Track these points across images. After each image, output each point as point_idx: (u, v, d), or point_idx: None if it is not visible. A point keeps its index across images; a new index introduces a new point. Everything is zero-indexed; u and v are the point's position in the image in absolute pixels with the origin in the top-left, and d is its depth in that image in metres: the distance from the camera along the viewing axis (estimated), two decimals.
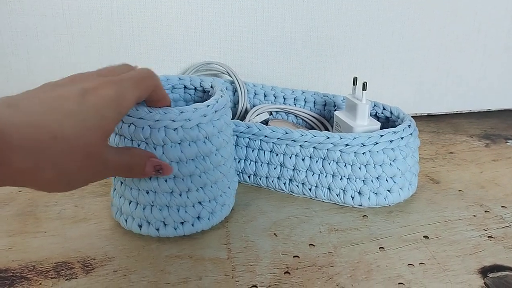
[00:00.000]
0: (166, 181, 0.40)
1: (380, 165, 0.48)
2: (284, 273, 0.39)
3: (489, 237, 0.45)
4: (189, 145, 0.39)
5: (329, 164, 0.48)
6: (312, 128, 0.64)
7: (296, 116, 0.65)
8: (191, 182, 0.41)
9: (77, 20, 0.63)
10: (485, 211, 0.50)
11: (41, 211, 0.48)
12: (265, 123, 0.63)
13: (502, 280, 0.39)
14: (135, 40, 0.66)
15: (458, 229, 0.46)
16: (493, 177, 0.58)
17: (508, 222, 0.48)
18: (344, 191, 0.49)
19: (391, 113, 0.56)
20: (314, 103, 0.64)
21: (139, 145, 0.39)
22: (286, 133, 0.49)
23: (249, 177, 0.53)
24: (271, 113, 0.66)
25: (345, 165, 0.48)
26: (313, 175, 0.49)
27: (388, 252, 0.42)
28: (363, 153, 0.47)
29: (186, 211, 0.41)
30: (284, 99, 0.66)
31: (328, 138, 0.48)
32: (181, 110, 0.38)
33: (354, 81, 0.56)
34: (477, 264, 0.41)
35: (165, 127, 0.38)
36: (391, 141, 0.48)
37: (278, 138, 0.49)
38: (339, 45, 0.72)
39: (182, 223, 0.42)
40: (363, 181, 0.48)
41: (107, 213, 0.48)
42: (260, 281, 0.38)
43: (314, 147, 0.48)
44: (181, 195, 0.41)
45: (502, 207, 0.50)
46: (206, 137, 0.40)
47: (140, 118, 0.37)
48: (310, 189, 0.50)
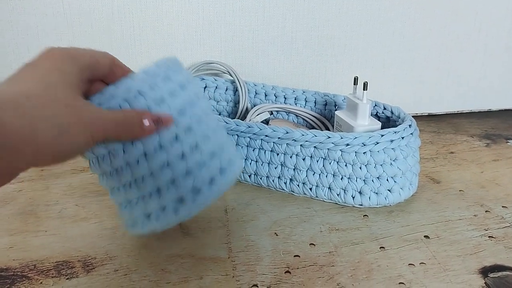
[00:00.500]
0: (172, 145, 0.34)
1: (381, 165, 0.48)
2: (285, 272, 0.40)
3: (489, 237, 0.45)
4: (171, 97, 0.34)
5: (329, 163, 0.48)
6: (312, 128, 0.64)
7: (296, 115, 0.65)
8: (195, 134, 0.35)
9: (78, 19, 0.63)
10: (486, 211, 0.50)
11: (42, 210, 0.48)
12: (266, 122, 0.63)
13: (502, 280, 0.39)
14: (136, 39, 0.66)
15: (459, 229, 0.46)
16: (494, 177, 0.58)
17: (509, 222, 0.48)
18: (344, 190, 0.49)
19: (391, 112, 0.56)
20: (315, 102, 0.64)
21: None
22: (287, 133, 0.49)
23: (249, 176, 0.53)
24: (271, 113, 0.66)
25: (345, 165, 0.48)
26: (313, 174, 0.49)
27: (388, 251, 0.42)
28: (363, 152, 0.47)
29: (206, 168, 0.34)
30: (285, 98, 0.66)
31: (329, 137, 0.48)
32: (143, 70, 0.34)
33: (355, 81, 0.56)
34: (477, 264, 0.41)
35: (139, 91, 0.33)
36: (391, 140, 0.48)
37: (279, 138, 0.49)
38: (340, 44, 0.72)
39: (198, 191, 0.34)
40: (363, 180, 0.48)
41: (108, 212, 0.48)
42: (260, 280, 0.38)
43: (315, 146, 0.48)
44: (193, 152, 0.34)
45: (502, 207, 0.50)
46: (181, 86, 0.35)
47: (111, 97, 0.33)
48: (310, 189, 0.50)
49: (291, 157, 0.50)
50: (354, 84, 0.56)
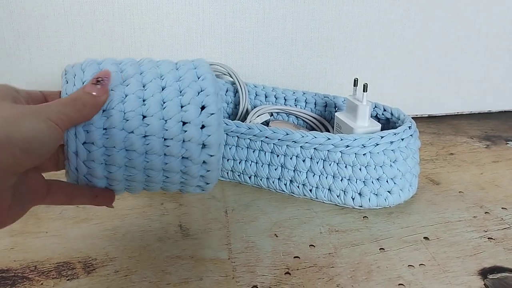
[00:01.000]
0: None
1: (381, 166, 0.48)
2: (285, 273, 0.40)
3: (489, 238, 0.45)
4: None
5: (329, 165, 0.49)
6: (312, 129, 0.64)
7: (297, 117, 0.66)
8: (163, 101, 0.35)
9: (78, 20, 0.63)
10: (485, 212, 0.50)
11: (42, 211, 0.48)
12: (266, 124, 0.63)
13: (502, 281, 0.39)
14: (136, 41, 0.66)
15: (458, 231, 0.46)
16: (494, 178, 0.58)
17: (508, 224, 0.48)
18: (344, 192, 0.49)
19: (391, 114, 0.56)
20: (315, 104, 0.65)
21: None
22: (287, 134, 0.49)
23: (249, 178, 0.53)
24: (272, 114, 0.66)
25: (345, 166, 0.48)
26: (313, 176, 0.50)
27: (388, 253, 0.43)
28: (363, 154, 0.47)
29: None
30: (285, 100, 0.66)
31: (329, 139, 0.48)
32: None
33: (355, 83, 0.56)
34: (477, 265, 0.41)
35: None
36: (391, 142, 0.48)
37: (279, 139, 0.49)
38: (340, 46, 0.73)
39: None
40: (363, 182, 0.49)
41: (108, 214, 0.48)
42: (260, 281, 0.38)
43: (314, 148, 0.49)
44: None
45: (502, 208, 0.51)
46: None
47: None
48: (310, 190, 0.50)
49: (291, 158, 0.50)
50: (354, 85, 0.56)
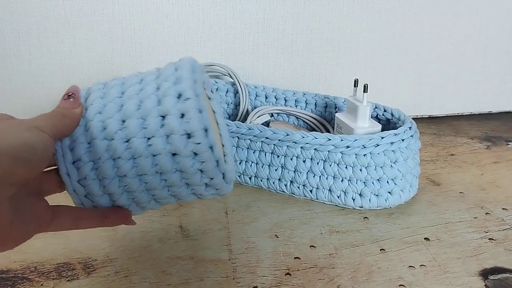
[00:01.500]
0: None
1: (381, 167, 0.48)
2: (285, 274, 0.40)
3: (490, 239, 0.45)
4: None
5: (330, 166, 0.49)
6: (313, 130, 0.64)
7: (297, 117, 0.66)
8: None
9: (78, 21, 0.63)
10: (486, 213, 0.50)
11: None
12: (266, 124, 0.63)
13: (503, 282, 0.39)
14: (136, 41, 0.66)
15: (459, 231, 0.46)
16: (494, 179, 0.58)
17: (509, 224, 0.48)
18: (345, 193, 0.49)
19: (392, 115, 0.56)
20: (315, 105, 0.65)
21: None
22: (287, 135, 0.49)
23: (250, 178, 0.53)
24: (272, 115, 0.66)
25: (346, 167, 0.48)
26: (314, 176, 0.49)
27: (389, 254, 0.43)
28: (364, 155, 0.47)
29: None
30: (285, 100, 0.66)
31: (329, 140, 0.48)
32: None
33: (355, 83, 0.56)
34: (478, 266, 0.41)
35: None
36: (392, 143, 0.48)
37: (279, 140, 0.49)
38: (340, 47, 0.73)
39: None
40: (364, 183, 0.48)
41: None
42: (261, 282, 0.38)
43: (315, 149, 0.49)
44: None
45: (503, 209, 0.51)
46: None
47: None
48: (311, 191, 0.50)
49: (291, 159, 0.50)
50: (355, 86, 0.56)
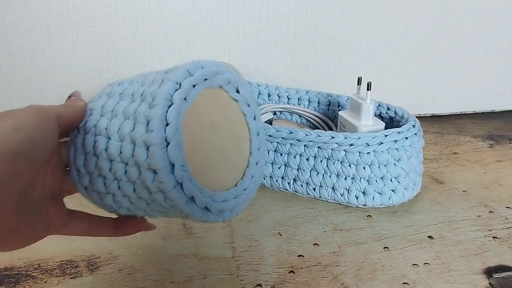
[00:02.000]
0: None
1: (385, 165, 0.48)
2: (289, 272, 0.39)
3: (493, 237, 0.45)
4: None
5: (333, 164, 0.48)
6: (316, 128, 0.64)
7: (300, 116, 0.65)
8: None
9: (81, 19, 0.63)
10: (490, 211, 0.50)
11: None
12: (269, 122, 0.63)
13: (507, 280, 0.39)
14: (139, 39, 0.66)
15: (463, 230, 0.46)
16: (497, 177, 0.57)
17: None
18: (348, 191, 0.49)
19: (395, 113, 0.56)
20: (318, 103, 0.64)
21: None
22: (291, 133, 0.49)
23: None
24: (275, 113, 0.66)
25: (349, 165, 0.48)
26: (317, 174, 0.49)
27: (392, 252, 0.42)
28: (367, 153, 0.47)
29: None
30: (288, 99, 0.66)
31: (333, 137, 0.48)
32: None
33: (359, 81, 0.56)
34: (482, 264, 0.41)
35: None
36: (395, 141, 0.48)
37: (282, 138, 0.49)
38: (343, 45, 0.72)
39: None
40: (367, 181, 0.48)
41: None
42: (264, 280, 0.38)
43: (318, 146, 0.48)
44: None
45: (506, 207, 0.50)
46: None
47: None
48: (314, 189, 0.50)
49: (294, 157, 0.50)
50: (358, 84, 0.56)
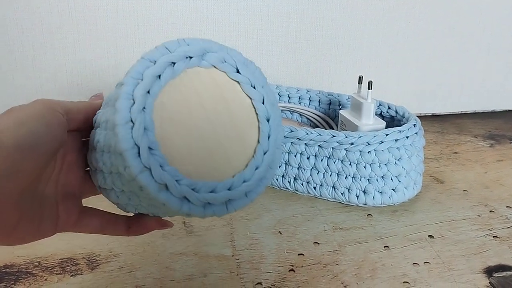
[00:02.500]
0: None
1: (385, 164, 0.48)
2: (289, 270, 0.40)
3: (494, 237, 0.45)
4: None
5: (334, 162, 0.48)
6: (316, 127, 0.64)
7: (300, 114, 0.65)
8: None
9: (82, 17, 0.63)
10: (490, 211, 0.50)
11: None
12: None
13: (507, 280, 0.39)
14: (140, 38, 0.66)
15: (463, 229, 0.46)
16: (498, 177, 0.57)
17: None
18: (349, 190, 0.49)
19: (396, 112, 0.56)
20: (319, 102, 0.64)
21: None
22: (291, 131, 0.49)
23: None
24: None
25: (350, 164, 0.48)
26: (318, 173, 0.49)
27: (393, 251, 0.42)
28: (368, 152, 0.47)
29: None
30: (289, 97, 0.65)
31: (334, 136, 0.48)
32: None
33: (360, 80, 0.56)
34: (482, 264, 0.41)
35: None
36: (396, 140, 0.48)
37: (283, 136, 0.49)
38: (344, 44, 0.72)
39: None
40: (368, 180, 0.48)
41: (112, 210, 0.48)
42: (265, 278, 0.38)
43: (319, 145, 0.48)
44: None
45: (507, 207, 0.50)
46: None
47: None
48: (314, 188, 0.50)
49: (295, 156, 0.50)
50: (359, 83, 0.56)
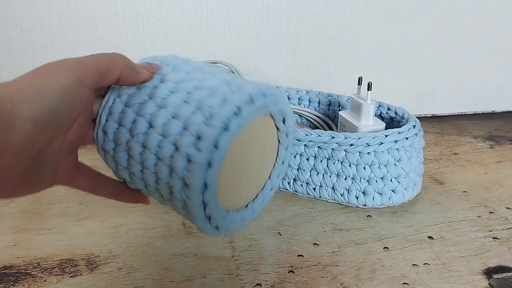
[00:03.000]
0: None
1: (385, 165, 0.48)
2: (288, 272, 0.39)
3: (493, 238, 0.45)
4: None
5: (333, 163, 0.48)
6: (316, 128, 0.64)
7: (300, 115, 0.65)
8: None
9: (82, 18, 0.63)
10: (490, 212, 0.49)
11: (45, 208, 0.48)
12: None
13: (507, 281, 0.39)
14: (140, 39, 0.66)
15: (463, 230, 0.46)
16: (498, 178, 0.57)
17: None
18: (348, 191, 0.49)
19: (395, 113, 0.56)
20: (319, 103, 0.64)
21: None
22: None
23: None
24: None
25: (349, 165, 0.48)
26: (317, 174, 0.49)
27: (392, 252, 0.42)
28: (367, 153, 0.47)
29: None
30: (289, 98, 0.65)
31: (333, 137, 0.48)
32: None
33: (359, 81, 0.55)
34: (481, 265, 0.41)
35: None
36: (396, 141, 0.48)
37: None
38: (343, 45, 0.72)
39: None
40: (367, 181, 0.48)
41: (111, 211, 0.48)
42: (264, 279, 0.38)
43: (318, 146, 0.48)
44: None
45: (506, 208, 0.50)
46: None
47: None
48: (314, 189, 0.50)
49: (294, 157, 0.50)
50: (358, 84, 0.56)
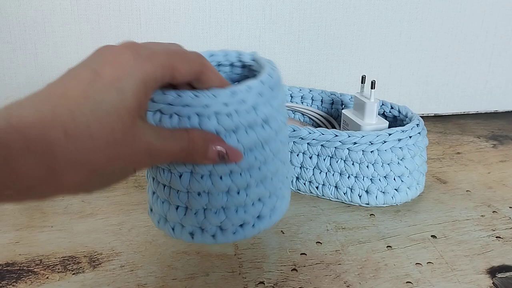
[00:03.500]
0: (221, 178, 0.32)
1: (388, 164, 0.48)
2: (292, 270, 0.39)
3: (497, 237, 0.45)
4: (246, 132, 0.31)
5: (336, 162, 0.48)
6: (319, 127, 0.64)
7: (303, 114, 0.65)
8: (250, 176, 0.32)
9: (85, 15, 0.63)
10: (493, 211, 0.49)
11: (48, 205, 0.48)
12: None
13: (510, 280, 0.39)
14: (143, 36, 0.66)
15: (466, 229, 0.46)
16: (501, 177, 0.57)
17: None
18: (351, 189, 0.49)
19: (399, 112, 0.56)
20: (321, 101, 0.64)
21: None
22: (294, 131, 0.49)
23: None
24: None
25: (352, 164, 0.48)
26: (320, 173, 0.49)
27: (395, 251, 0.42)
28: (371, 151, 0.47)
29: (245, 211, 0.33)
30: (291, 97, 0.65)
31: (336, 136, 0.47)
32: (232, 91, 0.30)
33: (363, 80, 0.55)
34: (485, 264, 0.41)
35: (216, 113, 0.29)
36: (399, 140, 0.47)
37: None
38: (346, 44, 0.72)
39: (242, 225, 0.34)
40: (370, 179, 0.48)
41: (114, 208, 0.48)
42: (267, 277, 0.38)
43: (322, 145, 0.48)
44: (239, 193, 0.33)
45: (510, 207, 0.50)
46: (264, 121, 0.32)
47: (185, 106, 0.29)
48: (317, 187, 0.50)
49: (297, 155, 0.50)
50: (362, 82, 0.55)
